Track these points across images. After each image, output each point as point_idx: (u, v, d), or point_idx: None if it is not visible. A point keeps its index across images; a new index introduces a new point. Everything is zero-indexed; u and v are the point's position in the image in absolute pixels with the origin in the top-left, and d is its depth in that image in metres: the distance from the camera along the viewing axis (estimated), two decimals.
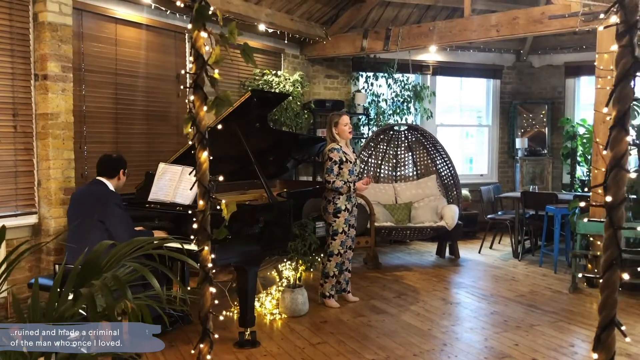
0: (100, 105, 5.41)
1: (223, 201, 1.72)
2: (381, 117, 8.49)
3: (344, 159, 5.01)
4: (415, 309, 5.10)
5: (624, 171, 1.20)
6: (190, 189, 4.30)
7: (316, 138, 6.75)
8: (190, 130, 1.74)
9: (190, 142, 4.73)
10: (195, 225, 2.04)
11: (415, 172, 7.98)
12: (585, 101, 9.25)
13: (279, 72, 7.24)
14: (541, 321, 4.73)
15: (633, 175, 1.24)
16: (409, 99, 8.52)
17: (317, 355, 4.02)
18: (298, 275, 5.07)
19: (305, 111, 7.54)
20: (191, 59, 1.97)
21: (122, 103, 5.62)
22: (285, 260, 5.05)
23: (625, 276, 1.32)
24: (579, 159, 8.74)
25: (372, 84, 8.49)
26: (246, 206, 4.48)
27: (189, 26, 2.00)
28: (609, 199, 1.27)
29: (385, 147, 7.96)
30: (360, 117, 8.38)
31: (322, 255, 5.19)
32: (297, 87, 7.20)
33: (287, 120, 7.09)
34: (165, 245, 4.14)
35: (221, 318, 4.78)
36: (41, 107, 4.77)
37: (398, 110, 8.49)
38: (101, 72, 5.40)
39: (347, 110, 8.17)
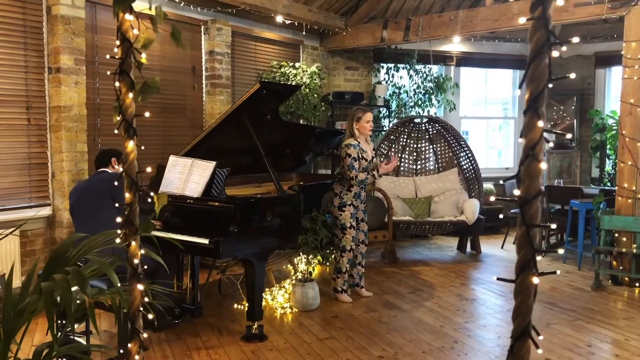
0: (114, 98, 5.42)
1: (152, 193, 1.66)
2: (402, 109, 8.35)
3: (360, 156, 4.92)
4: (429, 305, 4.99)
5: (537, 161, 1.09)
6: (116, 180, 4.29)
7: (334, 131, 6.66)
8: (117, 118, 1.68)
9: (202, 135, 4.75)
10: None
11: (436, 166, 7.83)
12: (616, 92, 8.89)
13: (297, 64, 7.17)
14: (559, 319, 4.57)
15: (544, 166, 1.12)
16: (431, 91, 8.35)
17: (324, 350, 3.96)
18: (310, 269, 5.02)
19: (323, 104, 7.45)
20: (206, 51, 1.90)
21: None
22: (300, 253, 5.00)
23: (535, 280, 1.20)
24: (608, 152, 8.44)
25: (392, 76, 8.35)
26: (252, 199, 4.44)
27: (203, 17, 1.92)
28: (519, 192, 1.16)
29: (405, 140, 7.83)
30: (380, 109, 8.25)
31: (333, 250, 5.12)
32: (315, 79, 7.12)
33: (304, 112, 7.01)
34: (172, 237, 4.16)
35: (236, 306, 4.78)
36: (54, 99, 4.81)
37: (420, 103, 8.32)
38: (115, 65, 5.39)
39: (367, 102, 8.06)
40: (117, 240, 1.65)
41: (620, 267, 5.63)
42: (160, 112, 5.88)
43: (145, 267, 3.20)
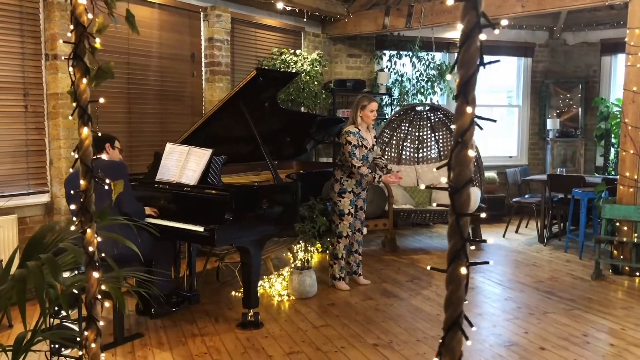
0: (113, 85, 5.42)
1: (108, 180, 1.64)
2: (405, 97, 8.29)
3: (360, 143, 4.89)
4: (427, 293, 4.99)
5: (468, 149, 1.06)
6: (72, 167, 4.28)
7: (335, 119, 6.62)
8: (74, 104, 1.66)
9: (199, 122, 4.73)
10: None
11: (438, 154, 7.78)
12: (622, 80, 8.76)
13: (298, 51, 7.12)
14: (556, 309, 4.55)
15: (472, 154, 1.09)
16: (433, 79, 8.27)
17: (319, 338, 3.96)
18: (308, 257, 5.01)
19: (324, 91, 7.41)
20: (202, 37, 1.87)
21: (135, 83, 5.62)
22: (299, 241, 5.00)
23: (463, 270, 1.18)
24: (613, 140, 8.35)
25: (395, 63, 8.28)
26: (247, 187, 4.43)
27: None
28: (447, 180, 1.13)
29: (407, 128, 7.78)
30: (382, 97, 8.20)
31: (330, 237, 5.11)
32: (316, 66, 7.07)
33: (304, 100, 6.98)
34: (168, 224, 4.16)
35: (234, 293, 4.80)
36: (52, 86, 4.81)
37: (422, 90, 8.26)
38: (113, 51, 5.39)
39: (369, 90, 8.01)
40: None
41: (621, 257, 5.59)
42: (159, 99, 5.87)
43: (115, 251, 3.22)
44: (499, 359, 3.60)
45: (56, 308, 3.14)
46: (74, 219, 1.84)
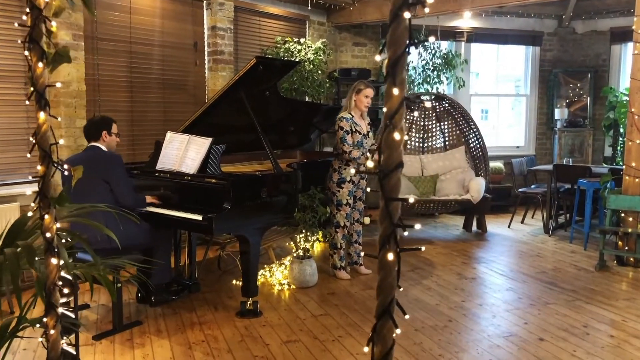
0: (115, 74, 5.42)
1: (66, 166, 1.63)
2: (411, 86, 8.22)
3: (354, 129, 4.87)
4: (427, 283, 4.97)
5: (397, 131, 1.02)
6: (29, 152, 4.27)
7: (339, 108, 6.56)
8: (31, 89, 1.65)
9: (201, 109, 4.72)
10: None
11: (444, 143, 7.73)
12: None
13: (302, 40, 7.08)
14: (558, 299, 4.51)
15: (400, 137, 1.05)
16: (440, 68, 8.19)
17: (316, 327, 3.96)
18: (308, 246, 5.01)
19: (327, 80, 7.37)
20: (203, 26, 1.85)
21: (137, 72, 5.62)
22: (302, 230, 4.99)
23: (390, 256, 1.15)
24: (621, 130, 8.24)
25: None
26: (246, 176, 4.42)
27: None
28: (372, 164, 1.10)
29: (412, 117, 7.73)
30: None
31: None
32: (320, 55, 7.03)
33: (308, 89, 6.94)
34: (167, 213, 4.17)
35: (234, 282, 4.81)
36: (52, 76, 4.80)
37: (428, 80, 8.18)
38: (115, 40, 5.39)
39: (374, 79, 7.96)
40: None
41: (626, 248, 5.53)
42: (161, 88, 5.87)
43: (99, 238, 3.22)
44: (497, 349, 3.58)
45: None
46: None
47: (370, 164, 4.85)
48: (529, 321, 4.05)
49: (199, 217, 3.96)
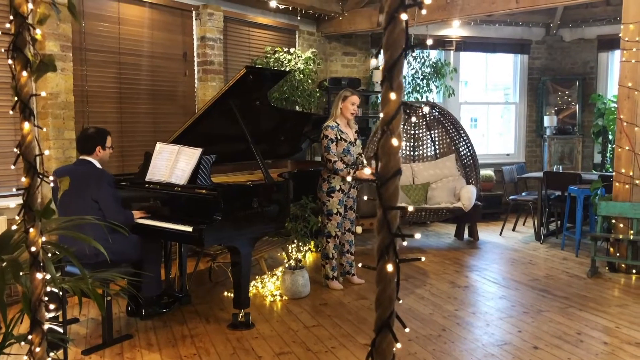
0: (104, 85, 5.39)
1: (51, 177, 1.61)
2: None
3: (339, 137, 4.85)
4: (420, 292, 4.94)
5: (395, 137, 1.01)
6: (14, 164, 4.24)
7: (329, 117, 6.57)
8: (15, 99, 1.62)
9: (190, 120, 4.69)
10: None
11: (434, 152, 7.74)
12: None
13: (292, 50, 7.08)
14: (551, 307, 4.50)
15: (395, 142, 1.03)
16: (429, 76, 8.23)
17: (309, 338, 3.92)
18: (300, 256, 4.97)
19: (318, 90, 7.37)
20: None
21: (126, 82, 5.58)
22: (293, 241, 4.95)
23: (390, 267, 1.13)
24: (610, 137, 8.30)
25: None
26: (236, 186, 4.39)
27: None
28: (369, 172, 1.08)
29: (402, 126, 7.74)
30: (378, 95, 8.15)
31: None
32: (310, 65, 7.03)
33: (298, 99, 6.93)
34: (157, 225, 4.12)
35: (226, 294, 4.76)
36: (40, 86, 4.76)
37: (418, 88, 8.21)
38: (104, 51, 5.36)
39: (364, 88, 7.97)
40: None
41: (617, 254, 5.55)
42: (151, 99, 5.83)
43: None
44: (491, 358, 3.56)
45: None
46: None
47: (367, 171, 4.84)
48: (523, 329, 4.03)
49: (189, 229, 3.92)
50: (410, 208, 1.12)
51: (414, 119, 7.74)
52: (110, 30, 5.42)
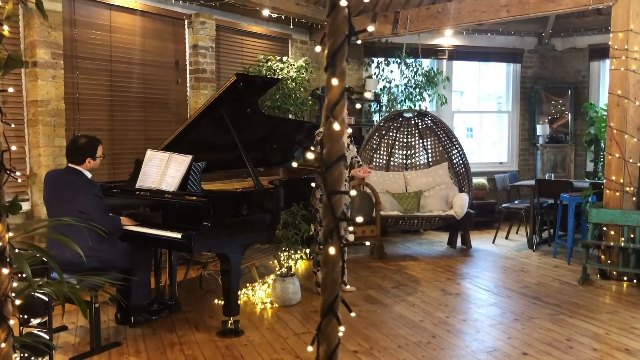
0: (95, 92, 5.39)
1: (18, 173, 1.60)
2: (393, 103, 8.27)
3: None
4: (412, 299, 4.93)
5: (338, 122, 1.01)
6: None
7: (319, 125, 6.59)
8: None
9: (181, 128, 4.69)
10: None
11: (427, 160, 7.75)
12: None
13: (284, 58, 7.10)
14: (541, 314, 4.50)
15: (337, 127, 1.04)
16: (422, 85, 8.25)
17: (299, 345, 3.91)
18: (290, 264, 4.96)
19: (310, 98, 7.39)
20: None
21: (118, 90, 5.59)
22: (284, 248, 4.94)
23: (332, 250, 1.13)
24: (602, 145, 8.33)
25: (383, 70, 8.27)
26: (226, 193, 4.39)
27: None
28: (311, 156, 1.08)
29: (395, 135, 7.76)
30: (371, 104, 8.18)
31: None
32: (302, 73, 7.05)
33: (291, 107, 6.95)
34: (146, 232, 4.11)
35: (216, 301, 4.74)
36: (31, 94, 4.77)
37: (411, 97, 8.24)
38: (95, 59, 5.37)
39: (357, 97, 7.98)
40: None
41: (609, 261, 5.55)
42: (142, 107, 5.83)
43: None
44: None
45: (24, 316, 3.09)
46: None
47: (362, 171, 4.92)
48: (513, 336, 4.03)
49: (179, 235, 3.90)
50: (353, 192, 1.11)
51: (358, 105, 7.76)
52: (102, 38, 5.43)
